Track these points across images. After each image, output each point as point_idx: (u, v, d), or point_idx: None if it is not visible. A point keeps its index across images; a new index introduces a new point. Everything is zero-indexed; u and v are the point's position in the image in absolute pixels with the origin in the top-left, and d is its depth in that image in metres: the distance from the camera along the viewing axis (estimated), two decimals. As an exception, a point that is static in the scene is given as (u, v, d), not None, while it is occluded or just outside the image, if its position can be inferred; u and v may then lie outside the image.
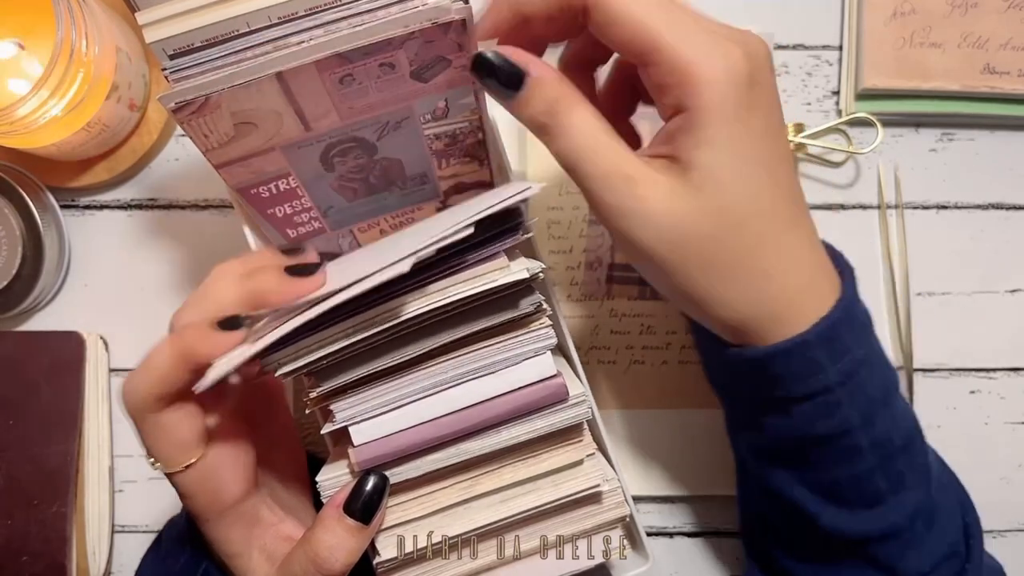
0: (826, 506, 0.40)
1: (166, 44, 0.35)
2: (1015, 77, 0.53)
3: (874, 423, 0.38)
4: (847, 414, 0.37)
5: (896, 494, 0.39)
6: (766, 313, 0.37)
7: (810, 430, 0.38)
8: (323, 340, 0.35)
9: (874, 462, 0.39)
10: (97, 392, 0.55)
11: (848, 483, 0.39)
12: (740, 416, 0.44)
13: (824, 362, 0.37)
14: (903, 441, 0.39)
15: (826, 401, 0.37)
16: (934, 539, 0.41)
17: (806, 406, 0.38)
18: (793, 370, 0.37)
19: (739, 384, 0.42)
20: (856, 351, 0.37)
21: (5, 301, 0.54)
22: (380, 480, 0.37)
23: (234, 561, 0.39)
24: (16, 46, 0.50)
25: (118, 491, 0.56)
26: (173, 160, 0.57)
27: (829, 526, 0.40)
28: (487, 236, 0.35)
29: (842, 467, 0.39)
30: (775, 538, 0.46)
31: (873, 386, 0.38)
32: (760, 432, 0.41)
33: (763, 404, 0.40)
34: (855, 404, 0.37)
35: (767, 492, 0.43)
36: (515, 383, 0.37)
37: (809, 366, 0.37)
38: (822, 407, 0.38)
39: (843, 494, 0.40)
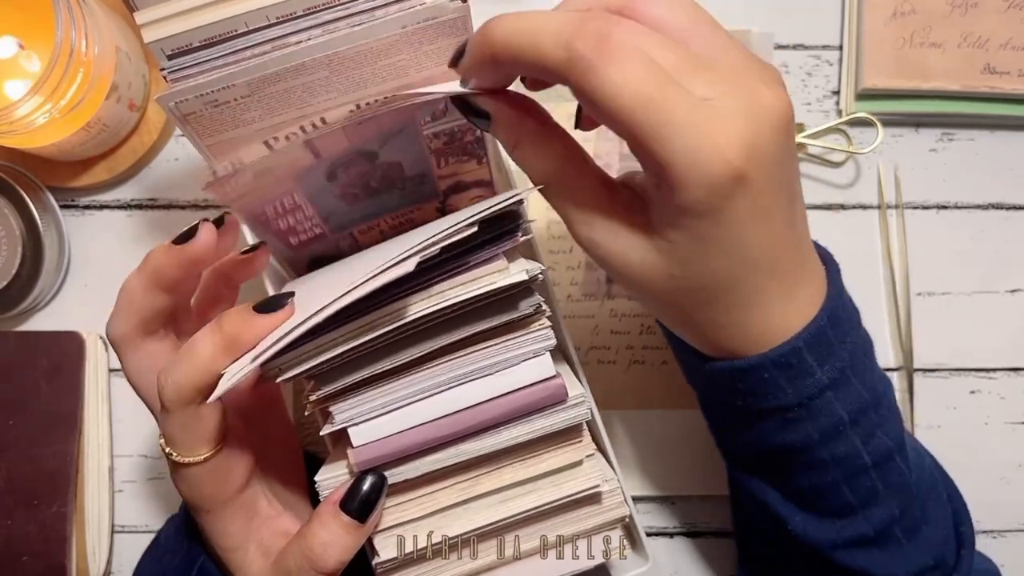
0: (796, 511, 0.41)
1: (164, 44, 0.35)
2: (1015, 77, 0.53)
3: (837, 441, 0.38)
4: (806, 431, 0.38)
5: (867, 507, 0.39)
6: (733, 345, 0.37)
7: (772, 442, 0.39)
8: (323, 345, 0.35)
9: (838, 476, 0.39)
10: (97, 392, 0.55)
11: (813, 492, 0.40)
12: (715, 423, 0.44)
13: (782, 383, 0.37)
14: (876, 459, 0.39)
15: (784, 418, 0.38)
16: (915, 549, 0.41)
17: (767, 420, 0.38)
18: (752, 387, 0.37)
19: (710, 392, 0.42)
20: (820, 375, 0.37)
21: (5, 301, 0.54)
22: (378, 479, 0.37)
23: (230, 555, 0.39)
24: (16, 45, 0.50)
25: (118, 491, 0.56)
26: (173, 160, 0.57)
27: (798, 531, 0.41)
28: (486, 239, 0.35)
29: (806, 477, 0.39)
30: (761, 541, 0.46)
31: (841, 407, 0.38)
32: (730, 439, 0.42)
33: (730, 414, 0.41)
34: (815, 423, 0.38)
35: (745, 494, 0.44)
36: (514, 384, 0.37)
37: (766, 386, 0.37)
38: (780, 422, 0.38)
39: (811, 501, 0.40)
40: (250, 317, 0.35)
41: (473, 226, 0.33)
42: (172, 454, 0.37)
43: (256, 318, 0.35)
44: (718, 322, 0.36)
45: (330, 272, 0.41)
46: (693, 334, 0.38)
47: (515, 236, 0.36)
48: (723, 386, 0.39)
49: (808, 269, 0.37)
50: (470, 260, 0.35)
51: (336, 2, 0.35)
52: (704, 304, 0.36)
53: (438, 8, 0.35)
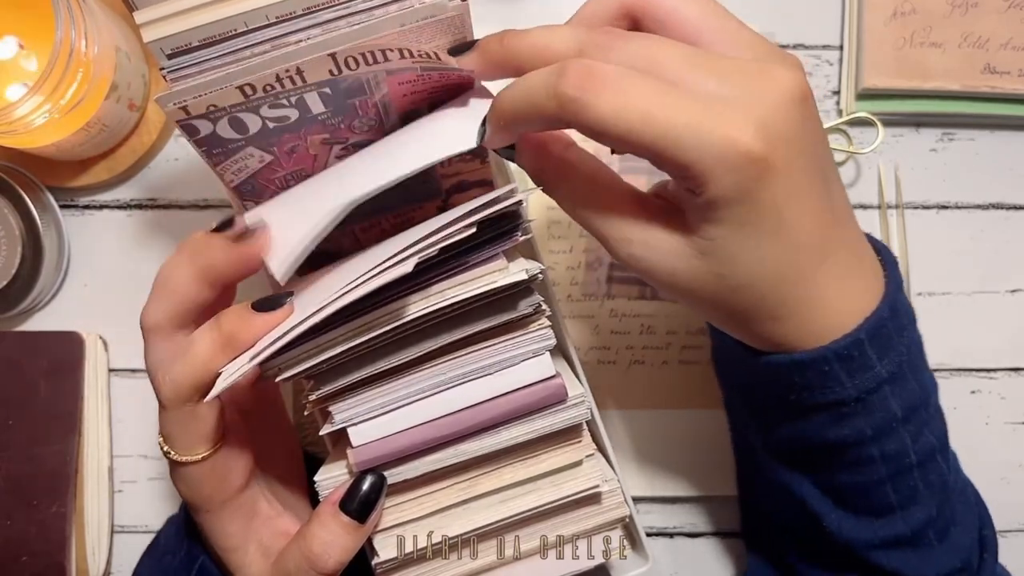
0: (832, 508, 0.40)
1: (164, 43, 0.35)
2: (1015, 77, 0.53)
3: (890, 438, 0.38)
4: (860, 426, 0.37)
5: (905, 508, 0.39)
6: (788, 338, 0.36)
7: (821, 436, 0.38)
8: (322, 345, 0.35)
9: (885, 474, 0.38)
10: (96, 392, 0.54)
11: (856, 490, 0.39)
12: (754, 414, 0.44)
13: (842, 377, 0.36)
14: (921, 457, 0.39)
15: (840, 412, 0.37)
16: (945, 552, 0.40)
17: (821, 414, 0.37)
18: (810, 381, 0.36)
19: (756, 385, 0.41)
20: (880, 368, 0.36)
21: (5, 301, 0.53)
22: (377, 479, 0.37)
23: (230, 555, 0.39)
24: (16, 45, 0.50)
25: (118, 491, 0.56)
26: (173, 160, 0.57)
27: (833, 528, 0.40)
28: (485, 238, 0.35)
29: (851, 474, 0.39)
30: (784, 533, 0.46)
31: (896, 403, 0.37)
32: (773, 432, 0.41)
33: (779, 407, 0.39)
34: (870, 418, 0.37)
35: (777, 488, 0.43)
36: (514, 384, 0.37)
37: (825, 379, 0.36)
38: (836, 416, 0.37)
39: (850, 499, 0.40)
40: (248, 316, 0.35)
41: (472, 227, 0.33)
42: (170, 453, 0.37)
43: (254, 317, 0.35)
44: (775, 315, 0.35)
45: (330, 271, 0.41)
46: (746, 331, 0.37)
47: (515, 236, 0.36)
48: (777, 380, 0.38)
49: (860, 255, 0.37)
50: (470, 259, 0.35)
51: (335, 1, 0.35)
52: (757, 300, 0.35)
53: (437, 6, 0.35)
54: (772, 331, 0.36)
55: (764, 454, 0.44)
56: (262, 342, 0.35)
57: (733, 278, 0.34)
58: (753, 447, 0.45)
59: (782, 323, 0.35)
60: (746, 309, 0.35)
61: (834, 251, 0.35)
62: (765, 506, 0.48)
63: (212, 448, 0.37)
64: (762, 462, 0.44)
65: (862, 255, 0.37)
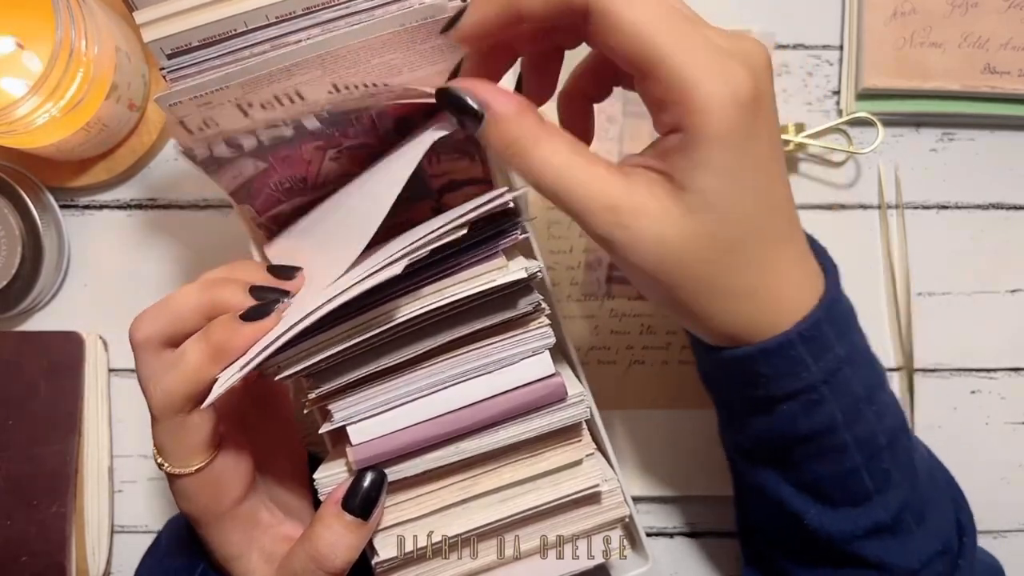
0: (811, 504, 0.40)
1: (164, 43, 0.35)
2: (1015, 77, 0.53)
3: (858, 421, 0.38)
4: (831, 411, 0.37)
5: (881, 492, 0.39)
6: (753, 323, 0.36)
7: (793, 429, 0.38)
8: (323, 343, 0.35)
9: (859, 460, 0.38)
10: (96, 392, 0.54)
11: (832, 481, 0.39)
12: (728, 417, 0.44)
13: (807, 360, 0.36)
14: (888, 439, 0.39)
15: (809, 399, 0.37)
16: (924, 536, 0.41)
17: (789, 404, 0.38)
18: (777, 369, 0.37)
19: (727, 384, 0.42)
20: (838, 349, 0.37)
21: (5, 301, 0.53)
22: (378, 476, 0.37)
23: (233, 563, 0.39)
24: (16, 45, 0.50)
25: (118, 491, 0.56)
26: (173, 160, 0.57)
27: (814, 524, 0.40)
28: (484, 237, 0.35)
29: (826, 465, 0.39)
30: (770, 538, 0.46)
31: (857, 383, 0.38)
32: (745, 432, 0.42)
33: (748, 404, 0.40)
34: (839, 402, 0.37)
35: (755, 491, 0.43)
36: (514, 382, 0.37)
37: (792, 364, 0.37)
38: (805, 405, 0.37)
39: (828, 492, 0.40)
40: (237, 326, 0.35)
41: (463, 228, 0.33)
42: (164, 465, 0.37)
43: (243, 326, 0.35)
44: (749, 288, 0.35)
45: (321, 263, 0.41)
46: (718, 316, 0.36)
47: (514, 234, 0.36)
48: (744, 374, 0.38)
49: (806, 247, 0.38)
50: (469, 258, 0.35)
51: (335, 1, 0.35)
52: (742, 265, 0.35)
53: (436, 7, 0.35)
54: (740, 311, 0.36)
55: (737, 458, 0.44)
56: (253, 349, 0.35)
57: (723, 235, 0.34)
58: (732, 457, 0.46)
59: (752, 301, 0.36)
60: (727, 277, 0.35)
61: (796, 221, 0.37)
62: (749, 512, 0.48)
63: (207, 459, 0.37)
64: (737, 467, 0.45)
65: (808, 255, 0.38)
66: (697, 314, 0.36)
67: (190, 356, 0.35)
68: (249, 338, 0.35)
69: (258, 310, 0.36)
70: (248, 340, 0.35)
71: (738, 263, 0.35)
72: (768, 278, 0.36)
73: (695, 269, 0.34)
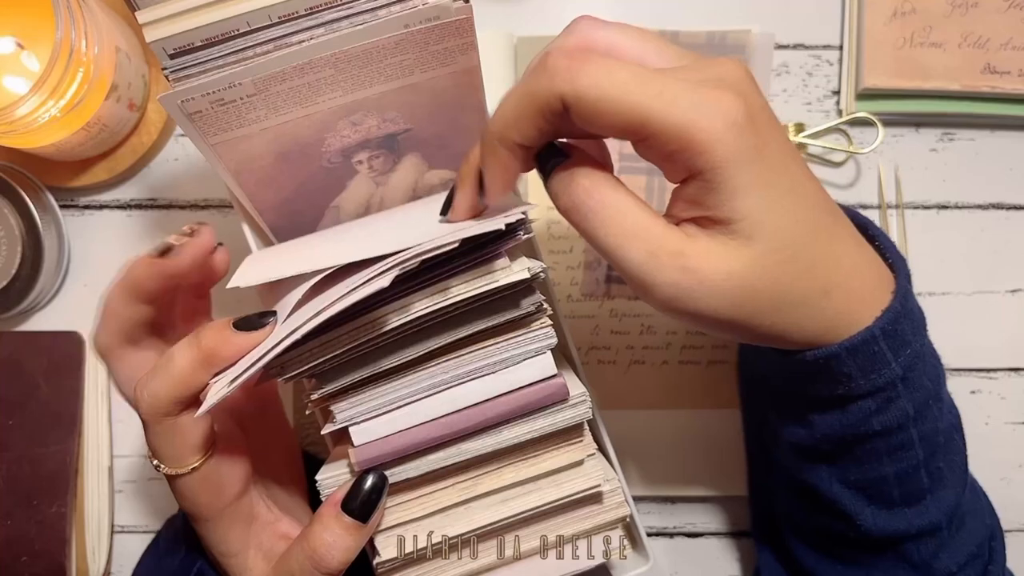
0: (865, 505, 0.40)
1: (166, 43, 0.35)
2: (1015, 77, 0.53)
3: (925, 417, 0.38)
4: (904, 408, 0.37)
5: (935, 492, 0.39)
6: (831, 323, 0.36)
7: (865, 426, 0.38)
8: (324, 344, 0.35)
9: (921, 458, 0.38)
10: (97, 392, 0.54)
11: (894, 480, 0.39)
12: (782, 416, 0.43)
13: (888, 356, 0.36)
14: (946, 437, 0.39)
15: (887, 396, 0.37)
16: (963, 539, 0.41)
17: (866, 402, 0.37)
18: (860, 365, 0.36)
19: (790, 384, 0.41)
20: (914, 343, 0.37)
21: (5, 301, 0.53)
22: (379, 479, 0.37)
23: (230, 560, 0.39)
24: (16, 45, 0.50)
25: (118, 491, 0.56)
26: (173, 160, 0.57)
27: (868, 525, 0.40)
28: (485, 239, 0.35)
29: (891, 463, 0.38)
30: (800, 536, 0.46)
31: (928, 379, 0.38)
32: (807, 429, 0.41)
33: (815, 402, 0.39)
34: (912, 398, 0.37)
35: (802, 490, 0.43)
36: (515, 383, 0.37)
37: (874, 361, 0.36)
38: (882, 402, 0.37)
39: (886, 492, 0.39)
40: (229, 334, 0.35)
41: (456, 242, 0.33)
42: (160, 466, 0.37)
43: (234, 335, 0.35)
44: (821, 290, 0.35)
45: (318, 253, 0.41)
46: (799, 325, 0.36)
47: (517, 235, 0.36)
48: (822, 374, 0.37)
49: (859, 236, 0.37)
50: (473, 258, 0.35)
51: (338, 2, 0.35)
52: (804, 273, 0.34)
53: (440, 8, 0.35)
54: (818, 314, 0.35)
55: (793, 457, 0.43)
56: (245, 360, 0.34)
57: (784, 249, 0.34)
58: (772, 451, 0.45)
59: (828, 299, 0.35)
60: (800, 286, 0.34)
61: (842, 217, 0.36)
62: (783, 507, 0.48)
63: (201, 458, 0.37)
64: (787, 465, 0.44)
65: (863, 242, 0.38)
66: (779, 333, 0.36)
67: (178, 360, 0.35)
68: (239, 348, 0.35)
69: (251, 320, 0.35)
70: (238, 349, 0.35)
71: (805, 268, 0.34)
72: (835, 274, 0.35)
73: (769, 291, 0.34)
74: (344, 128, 0.41)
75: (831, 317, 0.36)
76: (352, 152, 0.43)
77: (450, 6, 0.35)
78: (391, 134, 0.43)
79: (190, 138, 0.38)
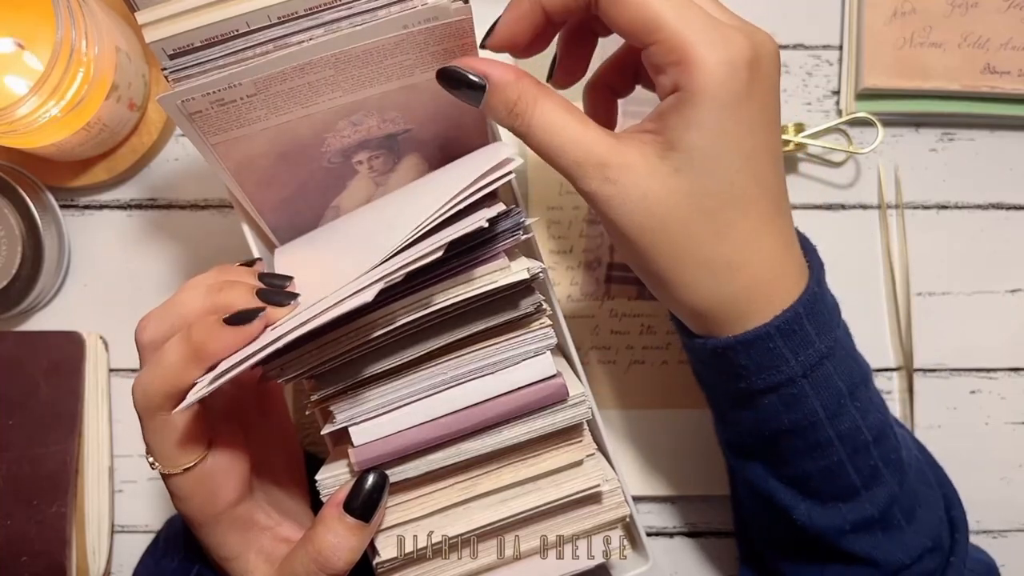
0: (800, 499, 0.41)
1: (166, 44, 0.35)
2: (1015, 77, 0.53)
3: (841, 416, 0.38)
4: (812, 406, 0.38)
5: (869, 488, 0.40)
6: (730, 304, 0.37)
7: (777, 423, 0.39)
8: (323, 346, 0.35)
9: (844, 455, 0.39)
10: (97, 392, 0.54)
11: (819, 476, 0.40)
12: (718, 412, 0.44)
13: (786, 354, 0.37)
14: (874, 435, 0.39)
15: (790, 393, 0.38)
16: (914, 532, 0.41)
17: (771, 398, 0.38)
18: (756, 361, 0.37)
19: (714, 377, 0.42)
20: (819, 344, 0.38)
21: (5, 301, 0.53)
22: (379, 478, 0.37)
23: (230, 564, 0.39)
24: (16, 44, 0.50)
25: (118, 491, 0.56)
26: (173, 160, 0.57)
27: (803, 519, 0.41)
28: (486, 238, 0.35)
29: (812, 460, 0.39)
30: (762, 535, 0.46)
31: (839, 379, 0.38)
32: (733, 426, 0.42)
33: (733, 397, 0.40)
34: (820, 397, 0.38)
35: (746, 486, 0.44)
36: (515, 383, 0.37)
37: (771, 358, 0.37)
38: (787, 399, 0.38)
39: (815, 487, 0.40)
40: (218, 329, 0.35)
41: (440, 250, 0.32)
42: (155, 464, 0.37)
43: (224, 330, 0.35)
44: (726, 261, 0.36)
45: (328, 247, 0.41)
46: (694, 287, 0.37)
47: (516, 234, 0.36)
48: (725, 365, 0.39)
49: (794, 237, 0.39)
50: (472, 258, 0.35)
51: (338, 2, 0.35)
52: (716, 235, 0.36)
53: (439, 9, 0.35)
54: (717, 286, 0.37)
55: (729, 452, 0.44)
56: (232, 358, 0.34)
57: (706, 199, 0.35)
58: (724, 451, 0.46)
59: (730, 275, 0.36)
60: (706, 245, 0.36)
61: (784, 206, 0.37)
62: (743, 509, 0.49)
63: (196, 459, 0.37)
64: (730, 462, 0.45)
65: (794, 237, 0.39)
66: (672, 282, 0.37)
67: (169, 355, 0.35)
68: (229, 343, 0.35)
69: (241, 316, 0.35)
70: (228, 345, 0.35)
71: (718, 231, 0.36)
72: (748, 255, 0.36)
73: (676, 231, 0.36)
74: (344, 128, 0.41)
75: (730, 296, 0.37)
76: (352, 152, 0.43)
77: (449, 7, 0.35)
78: (391, 134, 0.43)
79: (190, 139, 0.38)
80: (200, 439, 0.37)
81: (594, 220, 0.55)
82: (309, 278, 0.39)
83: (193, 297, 0.37)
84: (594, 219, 0.55)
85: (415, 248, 0.33)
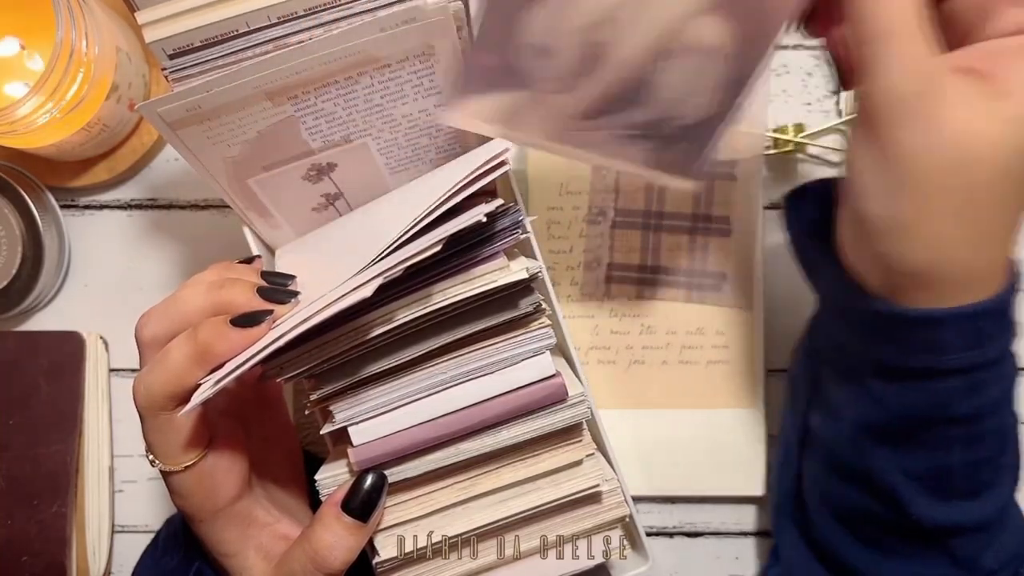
0: (922, 495, 0.38)
1: (166, 44, 0.35)
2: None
3: (1001, 412, 0.37)
4: (991, 395, 0.36)
5: (992, 488, 0.38)
6: (949, 271, 0.33)
7: (948, 409, 0.36)
8: (323, 345, 0.35)
9: (990, 452, 0.37)
10: (97, 392, 0.54)
11: (960, 470, 0.37)
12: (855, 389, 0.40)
13: (995, 335, 0.35)
14: (1013, 433, 0.38)
15: (981, 378, 0.35)
16: (1007, 538, 0.40)
17: (954, 380, 0.35)
18: (964, 338, 0.34)
19: (873, 348, 0.38)
20: (1011, 332, 0.36)
21: (5, 301, 0.54)
22: (378, 478, 0.37)
23: (229, 560, 0.39)
24: (17, 45, 0.50)
25: (118, 491, 0.56)
26: (173, 160, 0.57)
27: (920, 515, 0.38)
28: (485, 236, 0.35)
29: (960, 453, 0.37)
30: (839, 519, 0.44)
31: (1012, 372, 0.37)
32: (881, 407, 0.38)
33: (899, 375, 0.37)
34: (998, 387, 0.36)
35: (853, 473, 0.41)
36: (514, 383, 0.37)
37: (979, 337, 0.34)
38: (975, 383, 0.35)
39: (948, 482, 0.38)
40: (225, 330, 0.35)
41: (439, 244, 0.32)
42: (155, 462, 0.37)
43: (231, 331, 0.35)
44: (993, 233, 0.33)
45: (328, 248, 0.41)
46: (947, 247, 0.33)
47: (515, 234, 0.36)
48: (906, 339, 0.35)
49: None
50: (471, 258, 0.35)
51: (337, 2, 0.35)
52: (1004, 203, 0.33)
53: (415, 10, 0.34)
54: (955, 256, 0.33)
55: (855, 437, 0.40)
56: (237, 359, 0.34)
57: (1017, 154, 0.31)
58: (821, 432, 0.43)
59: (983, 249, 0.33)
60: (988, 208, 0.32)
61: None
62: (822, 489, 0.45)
63: (196, 457, 0.37)
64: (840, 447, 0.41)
65: None
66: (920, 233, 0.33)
67: (174, 355, 0.35)
68: (236, 344, 0.35)
69: (248, 317, 0.35)
70: (234, 346, 0.35)
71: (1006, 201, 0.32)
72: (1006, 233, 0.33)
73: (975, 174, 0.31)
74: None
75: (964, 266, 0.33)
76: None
77: (424, 8, 0.34)
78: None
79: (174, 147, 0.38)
80: (201, 437, 0.37)
81: (594, 220, 0.55)
82: (310, 277, 0.39)
83: (194, 294, 0.37)
84: (594, 219, 0.55)
85: (414, 243, 0.33)
